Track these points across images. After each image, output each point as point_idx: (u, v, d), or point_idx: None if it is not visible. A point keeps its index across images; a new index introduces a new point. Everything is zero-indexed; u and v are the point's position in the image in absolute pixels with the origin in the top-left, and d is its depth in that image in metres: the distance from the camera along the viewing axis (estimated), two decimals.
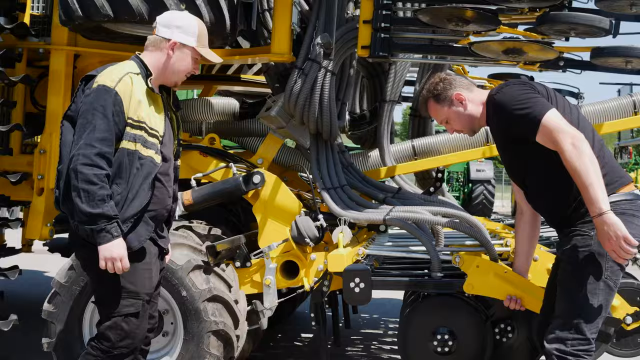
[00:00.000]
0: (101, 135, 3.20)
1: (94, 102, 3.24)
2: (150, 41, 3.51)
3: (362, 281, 4.01)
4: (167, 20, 3.51)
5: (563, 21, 4.07)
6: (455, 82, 3.74)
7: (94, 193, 3.14)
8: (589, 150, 3.17)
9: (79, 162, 3.16)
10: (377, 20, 4.42)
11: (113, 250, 3.20)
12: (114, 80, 3.28)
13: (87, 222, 3.17)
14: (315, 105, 4.63)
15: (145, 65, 3.44)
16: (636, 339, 4.10)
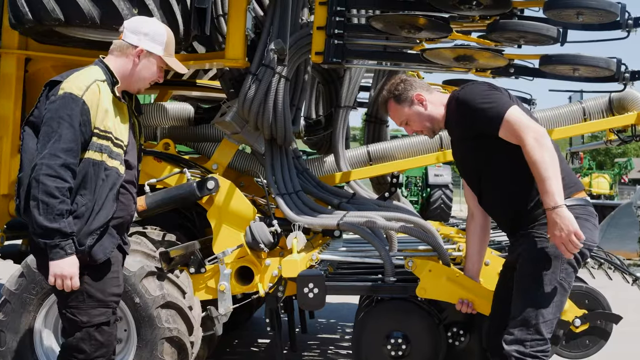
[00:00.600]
0: (67, 146, 3.11)
1: (60, 110, 3.14)
2: (116, 46, 3.43)
3: (315, 286, 4.03)
4: (135, 27, 3.43)
5: (512, 29, 4.13)
6: (416, 84, 3.81)
7: (53, 207, 3.06)
8: (550, 145, 3.26)
9: (42, 172, 3.07)
10: (330, 27, 4.44)
11: (64, 267, 3.12)
12: (81, 88, 3.18)
13: (42, 235, 3.09)
14: (270, 110, 4.63)
15: (110, 71, 3.35)
16: (584, 341, 4.17)
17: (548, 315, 3.33)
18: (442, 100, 3.77)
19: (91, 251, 3.22)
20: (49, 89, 3.28)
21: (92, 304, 3.29)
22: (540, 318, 3.31)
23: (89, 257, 3.23)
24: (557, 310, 3.38)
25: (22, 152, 3.28)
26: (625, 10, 4.32)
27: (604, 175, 27.00)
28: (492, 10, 4.25)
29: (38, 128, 3.21)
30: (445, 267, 4.07)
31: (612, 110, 5.62)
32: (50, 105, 3.17)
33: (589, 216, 3.47)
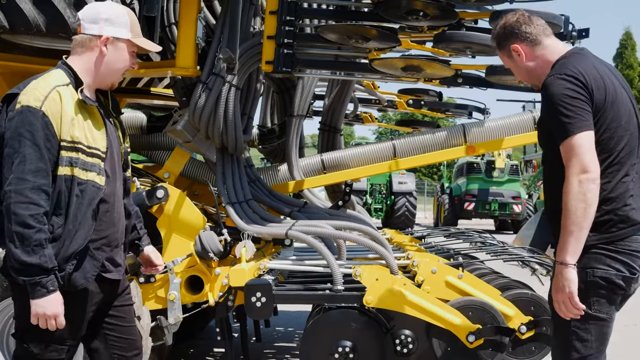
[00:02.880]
0: (34, 167, 2.77)
1: (20, 127, 2.78)
2: (76, 42, 3.04)
3: (263, 295, 4.03)
4: (92, 15, 3.03)
5: (458, 40, 4.20)
6: (518, 31, 3.20)
7: (30, 238, 2.73)
8: (592, 196, 2.89)
9: (12, 200, 2.73)
10: (280, 36, 4.46)
11: (47, 307, 2.79)
12: (39, 98, 2.82)
13: (21, 271, 2.75)
14: (220, 119, 4.63)
15: (74, 72, 2.98)
16: (531, 347, 4.22)
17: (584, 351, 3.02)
18: (549, 56, 3.19)
19: (71, 277, 2.90)
20: (6, 105, 2.91)
21: (48, 337, 2.93)
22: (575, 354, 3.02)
23: (68, 284, 2.90)
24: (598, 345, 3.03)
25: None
26: (569, 22, 4.40)
27: None
28: (439, 21, 4.32)
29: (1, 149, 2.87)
30: (392, 275, 4.10)
31: None
32: (8, 123, 2.82)
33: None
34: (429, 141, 5.59)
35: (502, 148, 5.78)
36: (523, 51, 3.19)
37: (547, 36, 3.20)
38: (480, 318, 4.09)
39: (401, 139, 5.66)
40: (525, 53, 3.19)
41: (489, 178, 25.09)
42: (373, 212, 24.42)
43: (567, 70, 3.01)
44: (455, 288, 4.19)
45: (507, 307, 4.17)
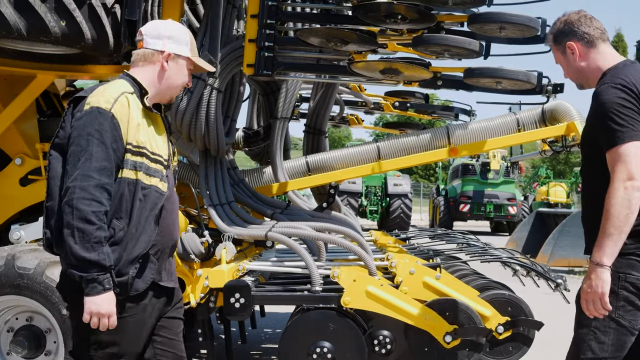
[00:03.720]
0: (99, 165, 2.80)
1: (88, 126, 2.83)
2: (138, 56, 3.12)
3: (242, 296, 4.07)
4: (156, 31, 3.13)
5: (435, 43, 4.23)
6: (579, 30, 3.24)
7: (90, 234, 2.73)
8: (635, 203, 2.94)
9: (75, 195, 2.75)
10: (261, 39, 4.50)
11: (101, 305, 2.77)
12: (109, 101, 2.88)
13: (78, 267, 2.75)
14: (202, 122, 4.67)
15: (138, 82, 3.06)
16: (508, 347, 4.26)
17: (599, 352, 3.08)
18: (601, 62, 3.23)
19: (133, 282, 2.91)
20: (73, 106, 2.98)
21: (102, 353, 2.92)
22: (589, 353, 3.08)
23: (129, 288, 2.90)
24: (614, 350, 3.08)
25: (49, 178, 2.97)
26: (546, 25, 4.44)
27: (561, 183, 27.42)
28: (418, 25, 4.35)
29: (65, 150, 2.91)
30: (370, 277, 4.13)
31: (545, 121, 5.74)
32: (76, 123, 2.88)
33: None
34: (413, 143, 5.61)
35: (484, 150, 5.80)
36: (578, 50, 3.24)
37: (604, 41, 3.25)
38: (457, 318, 4.12)
39: (385, 141, 5.68)
40: (579, 52, 3.24)
41: (484, 180, 25.14)
42: (368, 214, 24.47)
43: (620, 79, 3.06)
44: (433, 289, 4.23)
45: (484, 307, 4.21)
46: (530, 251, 16.05)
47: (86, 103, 2.89)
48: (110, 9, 4.43)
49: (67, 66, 4.99)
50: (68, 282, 2.89)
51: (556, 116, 5.67)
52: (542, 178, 29.54)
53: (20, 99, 4.98)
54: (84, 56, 4.76)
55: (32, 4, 4.11)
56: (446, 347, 4.11)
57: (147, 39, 3.11)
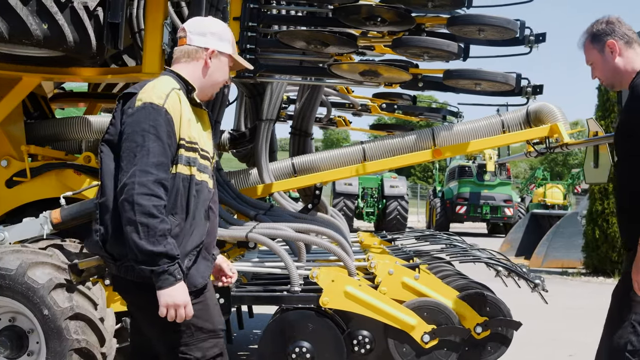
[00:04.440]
0: (156, 160, 2.79)
1: (142, 122, 2.82)
2: (182, 52, 3.11)
3: (221, 297, 4.10)
4: (200, 28, 3.11)
5: (414, 45, 4.28)
6: (619, 31, 3.40)
7: (155, 227, 2.72)
8: None
9: (135, 191, 2.73)
10: (242, 42, 4.54)
11: (176, 295, 2.76)
12: (161, 97, 2.88)
13: (147, 262, 2.72)
14: None
15: (183, 79, 3.05)
16: (487, 347, 4.29)
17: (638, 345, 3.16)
18: (634, 62, 3.39)
19: (189, 274, 2.90)
20: (123, 102, 2.98)
21: (203, 336, 2.95)
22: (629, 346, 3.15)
23: (187, 282, 2.88)
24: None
25: (102, 174, 2.95)
26: (525, 27, 4.48)
27: (557, 185, 27.48)
28: (397, 27, 4.39)
29: (116, 146, 2.90)
30: (348, 277, 4.17)
31: (529, 123, 5.78)
32: (129, 119, 2.86)
33: None
34: (399, 145, 5.65)
35: (468, 152, 5.84)
36: (618, 48, 3.36)
37: (638, 44, 3.40)
38: (435, 318, 4.16)
39: (371, 143, 5.72)
40: (619, 51, 3.36)
41: (480, 181, 25.19)
42: (365, 215, 24.53)
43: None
44: (412, 289, 4.26)
45: (463, 307, 4.24)
46: (525, 252, 16.14)
47: (137, 99, 2.88)
48: (93, 11, 4.47)
49: (53, 68, 5.03)
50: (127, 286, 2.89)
51: (540, 117, 5.71)
52: (539, 180, 29.61)
53: (6, 101, 5.01)
54: (69, 58, 4.80)
55: (13, 7, 4.15)
56: (424, 347, 4.14)
57: (191, 35, 3.09)
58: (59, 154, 5.31)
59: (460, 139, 5.64)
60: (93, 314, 4.27)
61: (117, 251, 2.85)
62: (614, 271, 13.12)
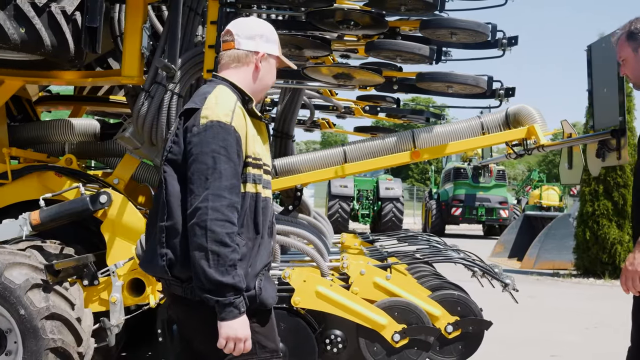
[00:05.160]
0: (229, 183, 2.68)
1: (212, 142, 2.70)
2: (230, 57, 2.98)
3: None
4: (248, 30, 2.99)
5: (386, 48, 4.34)
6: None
7: (225, 257, 2.62)
8: None
9: (208, 217, 2.62)
10: (219, 46, 4.58)
11: (238, 329, 2.68)
12: (227, 114, 2.75)
13: (213, 291, 2.64)
14: (162, 126, 4.75)
15: (238, 88, 2.93)
16: (457, 346, 4.34)
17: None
18: None
19: (260, 296, 2.82)
20: (184, 119, 2.83)
21: (266, 355, 2.88)
22: None
23: (258, 303, 2.83)
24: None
25: (167, 196, 2.79)
26: (497, 31, 4.54)
27: (553, 187, 27.50)
28: (371, 30, 4.46)
29: (180, 167, 2.78)
30: (320, 277, 4.22)
31: (508, 125, 5.83)
32: (195, 138, 2.73)
33: None
34: (379, 147, 5.68)
35: (446, 153, 5.89)
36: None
37: None
38: (405, 318, 4.21)
39: (352, 145, 5.77)
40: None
41: (475, 183, 25.25)
42: (360, 217, 24.60)
43: None
44: (383, 289, 4.31)
45: (434, 307, 4.30)
46: (518, 254, 16.20)
47: (202, 116, 2.75)
48: (71, 16, 4.51)
49: (35, 72, 5.09)
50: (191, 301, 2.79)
51: (519, 119, 5.75)
52: (535, 182, 29.65)
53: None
54: (51, 62, 4.86)
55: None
56: (395, 346, 4.19)
57: (239, 39, 2.96)
58: (41, 156, 5.38)
59: (440, 141, 5.67)
60: (70, 313, 4.33)
61: (186, 275, 2.75)
62: (604, 272, 13.19)
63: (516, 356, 7.02)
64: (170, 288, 2.87)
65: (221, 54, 3.01)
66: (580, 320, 9.02)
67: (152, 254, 2.86)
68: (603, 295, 11.55)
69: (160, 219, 2.80)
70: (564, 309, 10.08)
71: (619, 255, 13.02)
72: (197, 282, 2.66)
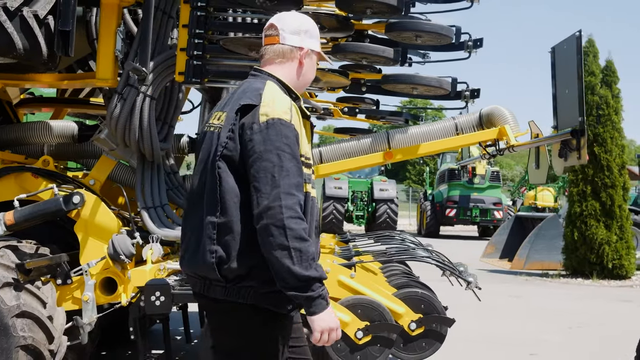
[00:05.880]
0: (296, 181, 2.65)
1: (275, 140, 2.65)
2: (276, 52, 2.92)
3: (162, 294, 4.24)
4: (293, 25, 2.93)
5: (351, 50, 4.42)
6: None
7: (307, 251, 2.60)
8: None
9: (284, 215, 2.58)
10: (190, 48, 4.68)
11: (329, 319, 2.66)
12: (286, 112, 2.71)
13: (301, 287, 2.59)
14: (135, 128, 4.84)
15: (285, 85, 2.90)
16: (421, 343, 4.42)
17: None
18: None
19: None
20: (241, 115, 2.75)
21: None
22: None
23: None
24: None
25: (222, 192, 2.72)
26: (461, 33, 4.63)
27: (548, 188, 27.53)
28: (337, 33, 4.54)
29: (236, 163, 2.72)
30: None
31: (482, 125, 5.91)
32: (257, 136, 2.67)
33: None
34: (355, 147, 5.77)
35: (420, 154, 5.97)
36: None
37: None
38: (368, 315, 4.29)
39: (328, 146, 5.85)
40: None
41: (470, 184, 25.31)
42: (355, 219, 24.65)
43: None
44: (347, 287, 4.39)
45: (397, 305, 4.37)
46: (509, 254, 16.25)
47: (261, 114, 2.70)
48: (43, 20, 4.59)
49: (12, 75, 5.18)
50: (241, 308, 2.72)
51: (492, 120, 5.84)
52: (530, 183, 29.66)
53: None
54: (27, 65, 4.94)
55: None
56: (358, 343, 4.27)
57: (284, 34, 2.91)
58: (19, 157, 5.46)
59: (414, 142, 5.77)
60: (41, 312, 4.41)
61: (235, 274, 2.69)
62: (592, 272, 13.26)
63: (495, 355, 7.10)
64: (209, 291, 2.78)
65: (264, 48, 2.96)
66: (563, 320, 9.09)
67: (196, 251, 2.77)
68: (590, 295, 11.64)
69: (210, 215, 2.72)
70: (549, 309, 10.15)
71: (606, 255, 13.10)
72: (280, 282, 2.61)
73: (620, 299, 11.23)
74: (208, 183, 2.75)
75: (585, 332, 8.23)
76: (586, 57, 13.59)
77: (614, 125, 13.32)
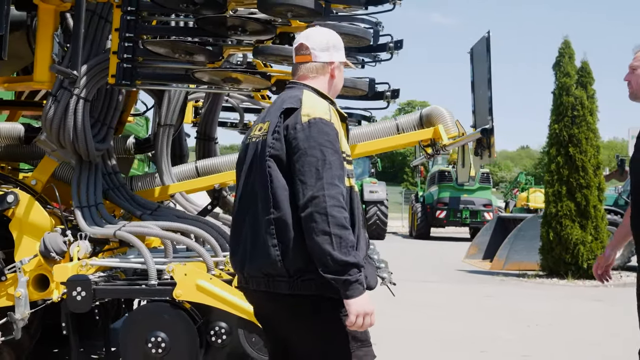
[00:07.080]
0: (339, 173, 2.86)
1: (318, 137, 2.86)
2: (309, 69, 3.17)
3: (83, 290, 4.38)
4: (323, 44, 3.17)
5: (271, 53, 4.55)
6: None
7: (346, 239, 2.77)
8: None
9: (327, 204, 2.76)
10: (120, 51, 4.81)
11: (365, 304, 2.80)
12: (326, 112, 2.94)
13: (339, 272, 2.75)
14: (69, 129, 4.97)
15: (321, 93, 3.12)
16: None
17: None
18: None
19: (367, 281, 2.91)
20: (284, 118, 2.97)
21: (357, 344, 2.96)
22: None
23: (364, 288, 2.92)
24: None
25: (274, 188, 2.90)
26: (379, 36, 4.74)
27: (540, 189, 27.59)
28: (260, 36, 4.66)
29: (283, 161, 2.90)
30: (200, 271, 4.43)
31: (422, 125, 6.04)
32: (301, 134, 2.88)
33: None
34: None
35: (361, 154, 6.11)
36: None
37: None
38: None
39: None
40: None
41: (460, 186, 25.38)
42: None
43: None
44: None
45: None
46: (491, 255, 16.31)
47: (303, 115, 2.91)
48: None
49: None
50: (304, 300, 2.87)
51: (431, 120, 5.97)
52: (522, 184, 29.77)
53: None
54: None
55: None
56: None
57: (315, 52, 3.15)
58: None
59: (356, 142, 5.91)
60: None
61: (296, 267, 2.86)
62: (567, 273, 13.33)
63: (446, 353, 7.19)
64: (271, 286, 2.92)
65: (298, 66, 3.19)
66: (525, 319, 9.19)
67: (256, 248, 2.93)
68: (561, 295, 11.71)
69: (265, 212, 2.90)
70: (514, 309, 10.24)
71: (581, 255, 13.17)
72: (321, 266, 2.76)
73: (592, 299, 11.32)
74: (259, 183, 2.94)
75: (539, 331, 8.32)
76: (562, 59, 13.69)
77: (589, 126, 13.41)
